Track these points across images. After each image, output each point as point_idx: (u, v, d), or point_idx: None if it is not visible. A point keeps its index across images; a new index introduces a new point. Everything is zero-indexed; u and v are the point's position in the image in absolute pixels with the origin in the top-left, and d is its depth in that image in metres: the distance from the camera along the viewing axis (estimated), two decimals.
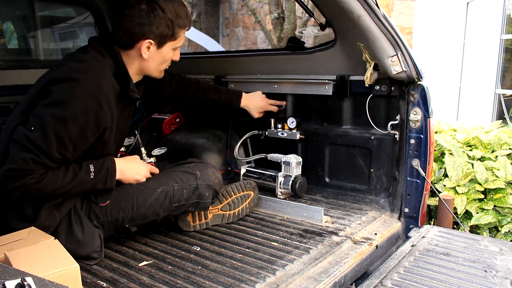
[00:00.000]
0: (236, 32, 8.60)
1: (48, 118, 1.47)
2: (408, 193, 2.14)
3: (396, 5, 4.98)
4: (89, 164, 1.60)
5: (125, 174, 1.72)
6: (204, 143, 2.72)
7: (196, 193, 1.84)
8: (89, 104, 1.51)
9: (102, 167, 1.63)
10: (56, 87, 1.51)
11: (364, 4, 1.86)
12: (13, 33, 3.17)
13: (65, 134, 1.48)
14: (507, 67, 5.06)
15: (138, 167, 1.78)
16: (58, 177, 1.52)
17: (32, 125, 1.47)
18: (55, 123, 1.47)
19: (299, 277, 1.57)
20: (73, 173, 1.55)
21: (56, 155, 1.48)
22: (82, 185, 1.58)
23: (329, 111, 2.41)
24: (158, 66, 1.77)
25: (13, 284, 0.77)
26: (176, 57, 1.81)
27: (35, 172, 1.46)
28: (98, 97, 1.53)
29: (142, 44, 1.66)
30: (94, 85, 1.53)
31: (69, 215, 1.65)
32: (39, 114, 1.49)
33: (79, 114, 1.49)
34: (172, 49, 1.76)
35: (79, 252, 1.59)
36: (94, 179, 1.60)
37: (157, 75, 1.81)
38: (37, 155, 1.45)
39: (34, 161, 1.45)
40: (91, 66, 1.58)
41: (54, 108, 1.48)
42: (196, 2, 8.81)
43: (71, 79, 1.51)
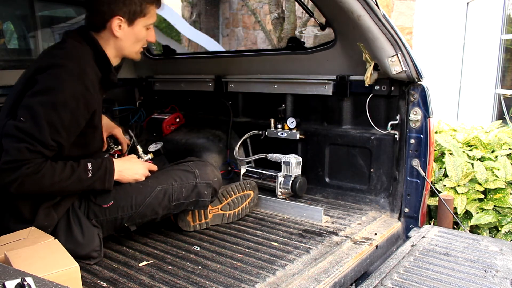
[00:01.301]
0: (236, 32, 8.60)
1: (37, 106, 1.47)
2: (408, 193, 2.14)
3: (396, 5, 4.98)
4: (87, 163, 1.59)
5: (124, 175, 1.72)
6: (204, 143, 2.73)
7: (195, 191, 1.84)
8: (77, 87, 1.52)
9: (101, 166, 1.62)
10: (42, 75, 1.52)
11: (364, 4, 1.86)
12: (13, 33, 3.17)
13: (57, 119, 1.48)
14: (507, 67, 5.06)
15: (136, 167, 1.78)
16: (55, 170, 1.50)
17: (22, 116, 1.46)
18: (45, 110, 1.46)
19: (299, 277, 1.57)
20: (71, 169, 1.54)
21: (50, 142, 1.47)
22: (79, 183, 1.57)
23: (329, 111, 2.41)
24: (132, 46, 1.75)
25: (13, 284, 0.77)
26: (150, 37, 1.79)
27: (31, 161, 1.44)
28: (84, 80, 1.55)
29: (113, 22, 1.66)
30: (79, 69, 1.56)
31: (67, 215, 1.64)
32: (27, 104, 1.48)
33: (68, 98, 1.50)
34: (145, 28, 1.74)
35: (78, 252, 1.59)
36: (92, 178, 1.59)
37: (133, 56, 1.79)
38: (31, 143, 1.44)
39: (28, 150, 1.43)
40: (74, 53, 1.60)
41: (42, 96, 1.48)
42: (196, 2, 8.82)
43: (56, 66, 1.53)
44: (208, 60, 3.03)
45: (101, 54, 1.68)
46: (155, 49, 3.56)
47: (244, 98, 2.78)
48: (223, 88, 2.79)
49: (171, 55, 3.10)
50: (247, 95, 2.75)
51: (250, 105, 2.77)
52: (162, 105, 3.09)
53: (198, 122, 2.92)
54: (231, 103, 2.77)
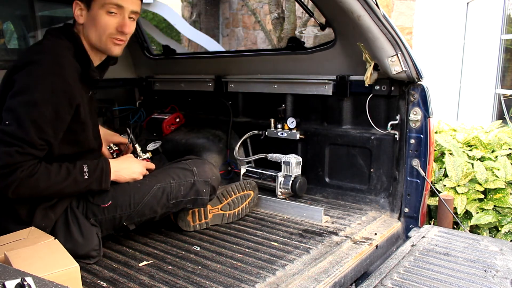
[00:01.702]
0: (236, 32, 8.61)
1: (18, 107, 1.44)
2: (408, 193, 2.14)
3: (396, 5, 4.98)
4: (83, 164, 1.58)
5: (121, 175, 1.71)
6: (204, 143, 2.73)
7: (194, 189, 1.84)
8: (55, 82, 1.49)
9: (97, 168, 1.61)
10: (18, 74, 1.49)
11: (364, 4, 1.86)
12: (13, 33, 3.17)
13: (40, 117, 1.45)
14: (507, 67, 5.06)
15: (133, 166, 1.77)
16: (50, 173, 1.49)
17: (7, 119, 1.44)
18: (27, 109, 1.44)
19: (299, 277, 1.57)
20: (67, 171, 1.53)
21: (38, 141, 1.45)
22: (76, 184, 1.56)
23: (329, 111, 2.41)
24: (96, 34, 1.61)
25: (13, 284, 0.77)
26: (122, 26, 1.61)
27: (24, 164, 1.43)
28: (62, 74, 1.50)
29: (74, 8, 1.61)
30: (56, 63, 1.51)
31: (65, 215, 1.64)
32: (9, 106, 1.46)
33: (48, 94, 1.47)
34: (105, 11, 1.58)
35: (77, 251, 1.59)
36: (88, 179, 1.58)
37: (105, 48, 1.64)
38: (20, 146, 1.42)
39: (18, 153, 1.42)
40: (49, 47, 1.56)
41: (22, 95, 1.46)
42: (196, 2, 8.82)
43: (32, 62, 1.49)
44: (208, 60, 3.03)
45: (80, 48, 1.62)
46: (155, 49, 3.57)
47: (244, 98, 2.78)
48: (223, 88, 2.79)
49: (171, 55, 3.10)
50: (247, 95, 2.75)
51: (250, 105, 2.77)
52: (162, 105, 3.09)
53: (198, 122, 2.92)
54: (231, 103, 2.77)
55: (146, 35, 3.23)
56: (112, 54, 1.68)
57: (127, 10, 1.61)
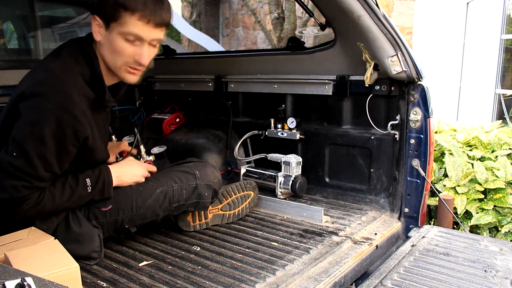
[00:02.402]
0: (236, 32, 8.61)
1: (26, 141, 1.42)
2: (408, 193, 2.14)
3: (396, 5, 4.98)
4: (86, 178, 1.59)
5: (123, 179, 1.72)
6: (204, 143, 2.73)
7: (196, 193, 1.84)
8: (63, 117, 1.43)
9: (99, 179, 1.62)
10: (24, 105, 1.43)
11: (364, 4, 1.86)
12: (13, 33, 3.17)
13: (47, 152, 1.44)
14: (507, 67, 5.06)
15: (134, 169, 1.77)
16: (55, 196, 1.52)
17: (14, 151, 1.42)
18: (34, 144, 1.42)
19: (299, 277, 1.57)
20: (70, 190, 1.55)
21: (46, 175, 1.46)
22: (80, 199, 1.60)
23: (329, 111, 2.41)
24: (112, 57, 1.51)
25: (13, 284, 0.77)
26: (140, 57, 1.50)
27: (30, 196, 1.45)
28: (71, 109, 1.44)
29: (93, 22, 1.50)
30: (64, 97, 1.43)
31: (67, 216, 1.64)
32: (16, 138, 1.43)
33: (55, 129, 1.42)
34: (123, 38, 1.47)
35: (78, 252, 1.59)
36: (91, 193, 1.61)
37: (119, 73, 1.56)
38: (27, 180, 1.42)
39: (25, 187, 1.43)
40: (59, 78, 1.46)
41: (29, 129, 1.42)
42: (196, 2, 8.82)
43: (38, 95, 1.42)
44: (208, 60, 3.03)
45: (96, 74, 1.54)
46: None
47: (244, 98, 2.78)
48: (223, 88, 2.79)
49: (171, 55, 3.10)
50: (247, 95, 2.75)
51: (250, 105, 2.77)
52: (162, 105, 3.09)
53: (198, 122, 2.92)
54: (231, 103, 2.77)
55: None
56: (126, 81, 1.60)
57: (147, 39, 1.50)
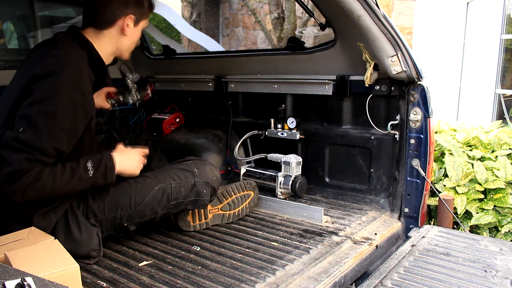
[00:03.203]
0: (236, 32, 8.61)
1: (36, 116, 1.46)
2: (408, 193, 2.14)
3: (396, 5, 4.98)
4: (87, 162, 1.58)
5: (124, 166, 1.71)
6: (204, 143, 2.73)
7: (194, 190, 1.84)
8: (75, 95, 1.52)
9: (100, 163, 1.61)
10: (38, 84, 1.50)
11: (364, 4, 1.86)
12: (13, 33, 3.17)
13: (57, 128, 1.48)
14: (507, 67, 5.06)
15: (131, 155, 1.77)
16: (55, 175, 1.49)
17: (21, 127, 1.45)
18: (44, 119, 1.46)
19: (299, 277, 1.57)
20: (71, 171, 1.53)
21: (50, 150, 1.47)
22: (81, 183, 1.56)
23: (329, 111, 2.41)
24: (130, 46, 1.80)
25: (13, 284, 0.77)
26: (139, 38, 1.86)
27: (31, 170, 1.44)
28: (81, 88, 1.55)
29: (125, 20, 1.70)
30: (76, 76, 1.55)
31: (66, 215, 1.64)
32: (26, 114, 1.47)
33: (67, 106, 1.49)
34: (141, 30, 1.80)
35: (77, 251, 1.59)
36: (93, 177, 1.58)
37: (126, 56, 1.84)
38: (30, 153, 1.43)
39: (28, 160, 1.43)
40: (69, 59, 1.58)
41: (41, 105, 1.47)
42: (196, 2, 8.82)
43: (52, 74, 1.51)
44: (208, 60, 3.03)
45: (95, 57, 1.67)
46: (155, 49, 3.57)
47: (244, 98, 2.78)
48: (223, 88, 2.79)
49: (171, 55, 3.10)
50: (247, 95, 2.75)
51: (250, 105, 2.77)
52: (162, 105, 3.09)
53: (198, 122, 2.92)
54: (231, 103, 2.77)
55: (146, 35, 3.23)
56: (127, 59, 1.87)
57: None
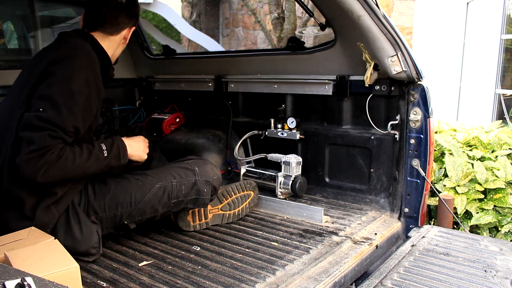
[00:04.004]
0: (236, 32, 8.61)
1: (56, 95, 1.52)
2: (408, 193, 2.14)
3: (396, 5, 4.98)
4: (101, 143, 1.65)
5: (133, 147, 1.78)
6: (204, 143, 2.73)
7: (195, 189, 1.84)
8: (89, 75, 1.61)
9: (113, 145, 1.68)
10: (55, 66, 1.58)
11: (364, 4, 1.86)
12: (13, 33, 3.17)
13: (75, 106, 1.54)
14: (507, 67, 5.06)
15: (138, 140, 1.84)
16: (75, 154, 1.54)
17: (41, 107, 1.51)
18: (64, 98, 1.52)
19: (299, 277, 1.57)
20: (88, 151, 1.58)
21: (70, 128, 1.52)
22: (98, 162, 1.61)
23: (329, 111, 2.41)
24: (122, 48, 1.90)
25: (13, 284, 0.77)
26: None
27: (54, 146, 1.49)
28: (95, 69, 1.64)
29: (129, 31, 1.84)
30: (90, 59, 1.65)
31: (66, 212, 1.65)
32: (45, 94, 1.53)
33: (83, 85, 1.58)
34: None
35: (77, 248, 1.60)
36: (108, 157, 1.64)
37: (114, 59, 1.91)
38: (53, 130, 1.48)
39: (51, 136, 1.48)
40: (81, 45, 1.69)
41: (59, 85, 1.54)
42: (196, 2, 8.82)
43: (69, 56, 1.61)
44: (208, 60, 3.03)
45: (100, 50, 1.75)
46: (155, 49, 3.57)
47: (244, 98, 2.78)
48: (223, 88, 2.79)
49: (171, 55, 3.10)
50: (247, 95, 2.75)
51: (250, 105, 2.77)
52: (162, 105, 3.09)
53: (198, 122, 2.92)
54: (231, 103, 2.77)
55: (146, 35, 3.23)
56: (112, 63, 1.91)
57: None
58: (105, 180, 1.73)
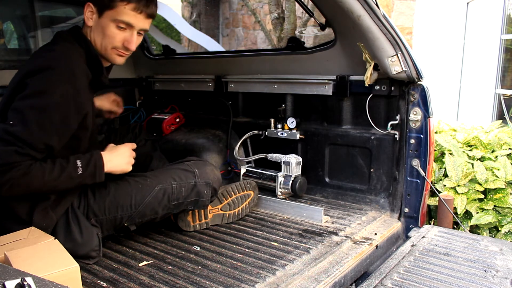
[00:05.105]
0: (236, 32, 8.61)
1: (27, 109, 1.45)
2: (408, 193, 2.14)
3: (396, 5, 4.98)
4: (76, 160, 1.55)
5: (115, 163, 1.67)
6: (204, 143, 2.73)
7: (195, 191, 1.84)
8: (67, 90, 1.50)
9: (90, 162, 1.58)
10: (32, 78, 1.49)
11: (364, 4, 1.86)
12: (13, 33, 3.17)
13: (47, 122, 1.46)
14: (507, 67, 5.06)
15: (121, 151, 1.73)
16: (45, 171, 1.47)
17: (11, 120, 1.44)
18: (35, 113, 1.45)
19: (299, 277, 1.57)
20: (60, 168, 1.50)
21: (40, 145, 1.45)
22: (70, 180, 1.54)
23: (329, 111, 2.41)
24: (102, 41, 1.64)
25: (13, 284, 0.77)
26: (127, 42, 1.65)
27: (20, 164, 1.42)
28: (74, 83, 1.52)
29: (86, 10, 1.62)
30: (69, 71, 1.53)
31: (66, 215, 1.64)
32: (17, 107, 1.46)
33: (59, 101, 1.48)
34: (114, 24, 1.61)
35: (77, 251, 1.59)
36: (82, 175, 1.55)
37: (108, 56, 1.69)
38: (20, 146, 1.42)
39: (17, 153, 1.42)
40: (63, 54, 1.57)
41: (33, 99, 1.46)
42: (196, 2, 8.82)
43: (46, 68, 1.50)
44: (208, 60, 3.03)
45: (92, 55, 1.65)
46: (155, 49, 3.57)
47: (244, 98, 2.78)
48: (223, 88, 2.79)
49: (171, 55, 3.10)
50: (247, 95, 2.75)
51: (250, 105, 2.77)
52: (162, 105, 3.09)
53: (198, 122, 2.92)
54: (231, 103, 2.77)
55: (146, 35, 3.23)
56: (114, 63, 1.74)
57: (136, 28, 1.65)
58: (105, 182, 1.70)
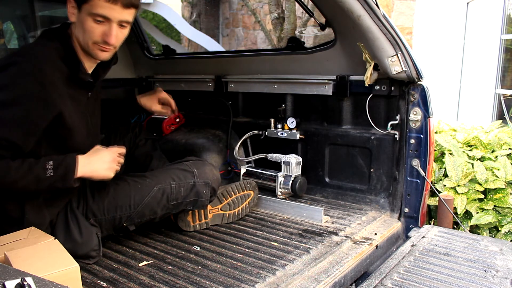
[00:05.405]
0: (236, 32, 8.61)
1: None
2: (408, 193, 2.14)
3: (396, 5, 4.98)
4: (47, 161, 1.48)
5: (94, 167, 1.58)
6: (204, 143, 2.73)
7: (194, 191, 1.84)
8: (31, 86, 1.43)
9: (61, 164, 1.50)
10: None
11: (364, 4, 1.86)
12: (13, 33, 3.17)
13: (7, 117, 1.41)
14: (507, 67, 5.06)
15: (102, 156, 1.63)
16: (10, 168, 1.40)
17: None
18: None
19: (299, 277, 1.57)
20: (28, 168, 1.44)
21: (2, 142, 1.39)
22: (38, 182, 1.46)
23: (329, 111, 2.41)
24: (84, 37, 1.54)
25: (13, 284, 0.77)
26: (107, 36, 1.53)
27: None
28: (39, 78, 1.45)
29: (68, 4, 1.54)
30: (35, 67, 1.46)
31: (65, 215, 1.64)
32: None
33: (22, 96, 1.42)
34: (91, 18, 1.51)
35: (77, 252, 1.59)
36: (52, 177, 1.47)
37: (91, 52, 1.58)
38: None
39: None
40: (32, 50, 1.52)
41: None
42: (196, 2, 8.82)
43: (10, 64, 1.45)
44: (208, 60, 3.03)
45: (70, 52, 1.56)
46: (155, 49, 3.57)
47: (244, 98, 2.78)
48: (223, 88, 2.79)
49: (171, 55, 3.10)
50: (247, 95, 2.75)
51: (250, 105, 2.77)
52: None
53: (198, 122, 2.92)
54: (231, 103, 2.77)
55: (146, 35, 3.23)
56: (99, 59, 1.62)
57: (114, 20, 1.52)
58: (104, 183, 1.70)
